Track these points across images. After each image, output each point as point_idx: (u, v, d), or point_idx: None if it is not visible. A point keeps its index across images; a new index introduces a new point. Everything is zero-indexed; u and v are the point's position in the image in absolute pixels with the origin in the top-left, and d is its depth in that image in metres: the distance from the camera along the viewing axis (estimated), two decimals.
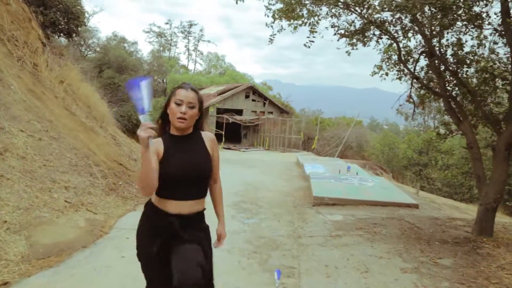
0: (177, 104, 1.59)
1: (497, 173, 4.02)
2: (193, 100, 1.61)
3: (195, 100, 1.63)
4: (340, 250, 3.61)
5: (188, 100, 1.59)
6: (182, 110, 1.57)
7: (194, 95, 1.62)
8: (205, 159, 1.68)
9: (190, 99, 1.60)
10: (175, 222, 1.59)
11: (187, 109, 1.58)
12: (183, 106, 1.58)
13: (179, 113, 1.58)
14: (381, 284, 2.80)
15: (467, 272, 3.08)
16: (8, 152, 4.61)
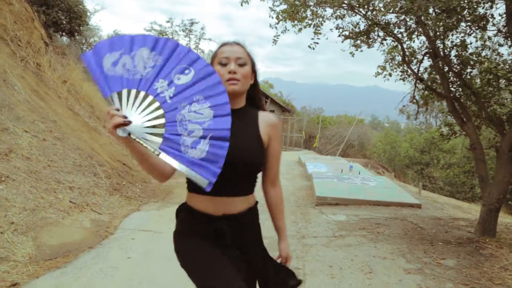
0: (223, 64, 1.22)
1: (500, 174, 4.03)
2: (243, 55, 1.24)
3: (245, 55, 1.25)
4: (344, 251, 3.63)
5: (236, 56, 1.22)
6: (231, 67, 1.20)
7: (242, 49, 1.26)
8: (255, 148, 1.24)
9: (238, 53, 1.23)
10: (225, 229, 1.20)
11: (236, 66, 1.21)
12: (231, 64, 1.21)
13: (227, 73, 1.20)
14: (385, 285, 2.82)
15: (470, 273, 3.11)
16: (13, 153, 4.64)
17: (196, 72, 1.04)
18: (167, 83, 1.02)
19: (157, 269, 2.99)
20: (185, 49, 1.06)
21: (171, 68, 1.04)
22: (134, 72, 1.02)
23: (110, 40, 1.02)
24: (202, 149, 0.98)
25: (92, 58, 1.01)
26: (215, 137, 0.99)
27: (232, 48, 1.25)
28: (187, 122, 0.99)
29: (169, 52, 1.05)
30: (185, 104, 1.01)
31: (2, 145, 4.58)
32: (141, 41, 1.04)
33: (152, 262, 3.15)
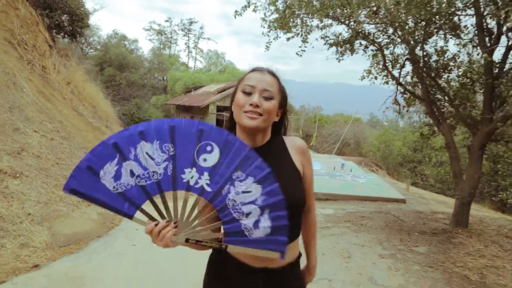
0: (246, 93, 1.04)
1: (472, 171, 4.42)
2: (271, 88, 1.05)
3: (275, 88, 1.06)
4: (328, 240, 4.02)
5: (263, 87, 1.03)
6: (253, 100, 1.01)
7: (273, 80, 1.07)
8: (295, 182, 1.08)
9: (266, 85, 1.04)
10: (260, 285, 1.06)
11: (260, 99, 1.02)
12: (255, 95, 1.02)
13: (248, 104, 1.02)
14: (360, 267, 3.21)
15: (437, 257, 3.50)
16: (24, 152, 5.01)
17: (219, 145, 0.90)
18: (195, 170, 0.88)
19: (158, 255, 3.37)
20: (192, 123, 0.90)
21: (189, 151, 0.88)
22: (148, 175, 0.87)
23: (93, 154, 0.85)
24: (265, 226, 0.90)
25: (84, 184, 0.85)
26: (273, 209, 0.91)
27: (262, 76, 1.05)
28: (240, 205, 0.90)
29: (173, 133, 0.89)
30: (227, 186, 0.89)
31: (15, 144, 4.94)
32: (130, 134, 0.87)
33: (154, 249, 3.53)
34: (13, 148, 4.83)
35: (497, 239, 4.15)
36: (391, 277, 3.01)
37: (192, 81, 29.96)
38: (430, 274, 3.12)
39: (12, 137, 5.06)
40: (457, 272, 3.16)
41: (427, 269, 3.21)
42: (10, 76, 6.13)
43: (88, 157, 0.86)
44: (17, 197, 3.89)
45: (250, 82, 1.04)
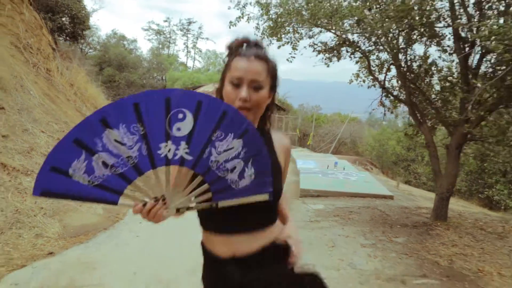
0: (234, 85, 1.00)
1: (449, 168, 4.78)
2: (259, 76, 0.99)
3: (263, 75, 1.01)
4: (316, 232, 4.38)
5: (252, 77, 0.99)
6: (242, 94, 0.98)
7: (260, 66, 1.00)
8: (275, 175, 1.02)
9: (255, 74, 0.99)
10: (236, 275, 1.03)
11: (249, 91, 0.99)
12: (243, 88, 0.99)
13: (238, 100, 0.99)
14: (342, 254, 3.56)
15: (414, 247, 3.86)
16: (33, 151, 5.34)
17: (191, 109, 0.85)
18: (170, 143, 0.85)
19: (161, 245, 3.72)
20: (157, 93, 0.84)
21: (160, 124, 0.83)
22: (123, 161, 0.83)
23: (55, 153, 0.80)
24: (249, 174, 0.90)
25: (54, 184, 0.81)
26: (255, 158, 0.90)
27: (249, 65, 0.98)
28: (224, 163, 0.88)
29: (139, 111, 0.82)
30: (208, 149, 0.86)
31: (24, 144, 5.28)
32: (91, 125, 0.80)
33: (156, 240, 3.88)
34: (23, 148, 5.17)
35: (471, 230, 4.51)
36: (369, 263, 3.37)
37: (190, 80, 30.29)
38: (405, 260, 3.47)
39: (21, 137, 5.39)
40: (429, 259, 3.51)
41: (402, 256, 3.57)
42: (18, 79, 6.46)
43: (51, 156, 0.80)
44: (30, 192, 4.22)
45: (237, 73, 0.99)
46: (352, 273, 3.11)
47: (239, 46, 1.03)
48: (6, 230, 3.47)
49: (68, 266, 3.04)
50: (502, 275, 3.15)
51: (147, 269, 3.07)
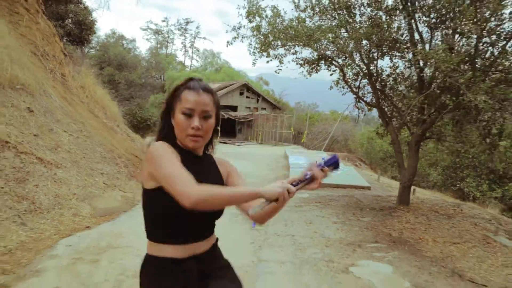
0: (186, 115, 1.13)
1: (410, 162, 5.74)
2: (208, 107, 1.15)
3: (211, 105, 1.16)
4: (298, 213, 5.32)
5: (202, 108, 1.13)
6: (194, 124, 1.12)
7: (208, 98, 1.16)
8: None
9: (204, 106, 1.14)
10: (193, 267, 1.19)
11: (201, 121, 1.13)
12: (195, 118, 1.13)
13: (190, 128, 1.13)
14: (316, 228, 4.51)
15: (375, 224, 4.82)
16: (59, 148, 6.24)
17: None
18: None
19: None
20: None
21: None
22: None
23: None
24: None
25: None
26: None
27: (199, 98, 1.13)
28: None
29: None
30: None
31: (51, 142, 6.18)
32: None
33: None
34: (51, 145, 6.07)
35: (426, 212, 5.47)
36: (336, 234, 4.32)
37: None
38: (365, 232, 4.43)
39: (49, 136, 6.29)
40: (384, 232, 4.48)
41: (363, 230, 4.52)
42: (40, 85, 7.33)
43: None
44: (63, 182, 5.14)
45: (189, 105, 1.11)
46: (322, 240, 4.06)
47: (188, 81, 1.18)
48: (51, 210, 4.38)
49: (104, 235, 3.97)
50: (436, 242, 4.12)
51: None
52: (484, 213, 5.68)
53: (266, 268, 3.18)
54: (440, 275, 3.19)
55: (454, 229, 4.63)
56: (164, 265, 1.16)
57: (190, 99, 1.12)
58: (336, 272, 3.12)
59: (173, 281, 1.15)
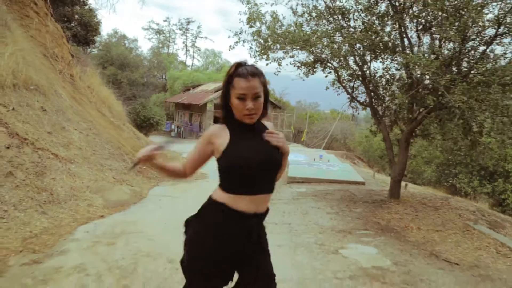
0: (240, 99, 1.36)
1: (400, 158, 6.13)
2: (258, 89, 1.37)
3: (259, 87, 1.38)
4: (295, 205, 5.72)
5: (253, 92, 1.36)
6: (248, 106, 1.36)
7: (257, 82, 1.37)
8: (277, 151, 1.44)
9: (255, 89, 1.36)
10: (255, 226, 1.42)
11: (253, 102, 1.37)
12: (248, 101, 1.36)
13: (246, 110, 1.37)
14: (311, 218, 4.90)
15: (366, 214, 5.21)
16: (71, 145, 6.64)
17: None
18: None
19: (180, 213, 5.03)
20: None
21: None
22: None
23: None
24: None
25: None
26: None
27: (249, 83, 1.34)
28: None
29: None
30: None
31: (64, 139, 6.58)
32: None
33: (176, 210, 5.20)
34: (63, 142, 6.47)
35: (415, 205, 5.86)
36: (329, 222, 4.71)
37: (190, 79, 31.46)
38: (356, 221, 4.82)
39: (61, 133, 6.68)
40: (374, 221, 4.87)
41: (354, 219, 4.92)
42: (51, 85, 7.73)
43: None
44: (77, 175, 5.54)
45: (242, 91, 1.34)
46: (316, 227, 4.46)
47: (237, 68, 1.37)
48: (68, 201, 4.78)
49: (117, 222, 4.36)
50: (420, 229, 4.51)
51: (175, 222, 4.40)
52: (469, 205, 6.05)
53: None
54: (419, 256, 3.58)
55: (438, 219, 5.02)
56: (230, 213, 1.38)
57: (242, 85, 1.35)
58: (326, 253, 3.51)
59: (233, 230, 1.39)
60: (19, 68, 6.59)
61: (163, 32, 42.51)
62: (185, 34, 43.84)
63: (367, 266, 3.21)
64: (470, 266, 3.38)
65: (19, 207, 4.13)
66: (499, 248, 3.89)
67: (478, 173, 9.80)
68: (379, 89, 6.34)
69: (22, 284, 2.67)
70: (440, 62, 4.24)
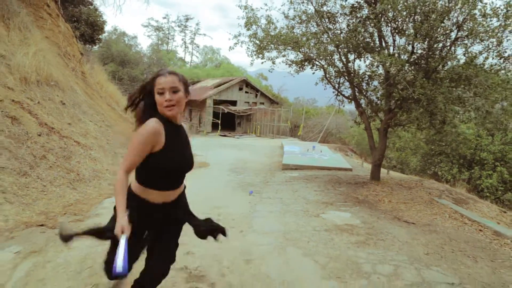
0: (160, 94, 1.56)
1: (380, 145, 6.97)
2: (175, 84, 1.57)
3: (177, 83, 1.58)
4: (287, 186, 6.56)
5: (170, 86, 1.56)
6: (166, 97, 1.54)
7: (174, 78, 1.58)
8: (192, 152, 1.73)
9: (171, 83, 1.56)
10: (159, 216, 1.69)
11: (171, 95, 1.56)
12: (166, 93, 1.55)
13: (164, 101, 1.55)
14: (300, 194, 5.75)
15: (347, 192, 6.05)
16: (88, 134, 7.45)
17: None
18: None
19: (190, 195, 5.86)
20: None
21: None
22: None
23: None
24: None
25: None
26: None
27: (166, 79, 1.56)
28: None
29: None
30: None
31: (82, 129, 7.38)
32: None
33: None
34: (81, 132, 7.27)
35: (392, 185, 6.71)
36: (314, 197, 5.56)
37: (190, 76, 32.19)
38: (338, 197, 5.67)
39: (79, 125, 7.49)
40: (353, 196, 5.72)
41: (337, 195, 5.76)
42: (67, 81, 8.52)
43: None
44: (97, 160, 6.35)
45: (161, 86, 1.55)
46: (303, 200, 5.30)
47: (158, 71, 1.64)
48: (92, 180, 5.60)
49: None
50: (391, 202, 5.36)
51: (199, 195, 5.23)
52: (440, 186, 6.92)
53: (259, 214, 4.41)
54: (384, 218, 4.43)
55: (409, 195, 5.87)
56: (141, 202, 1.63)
57: (160, 81, 1.56)
58: (309, 216, 4.35)
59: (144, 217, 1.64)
60: (40, 66, 7.38)
61: (162, 29, 43.14)
62: (184, 31, 44.49)
63: (340, 224, 4.06)
64: (424, 224, 4.24)
65: (54, 183, 4.96)
66: (452, 214, 4.75)
67: (457, 162, 10.66)
68: (362, 84, 7.16)
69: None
70: (406, 61, 5.06)
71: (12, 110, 5.60)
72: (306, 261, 2.93)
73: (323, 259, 2.97)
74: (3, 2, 7.79)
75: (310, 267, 2.81)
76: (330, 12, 6.75)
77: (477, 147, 10.18)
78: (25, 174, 4.68)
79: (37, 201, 4.29)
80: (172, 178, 1.67)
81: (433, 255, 3.23)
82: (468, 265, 3.04)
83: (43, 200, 4.42)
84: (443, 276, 2.78)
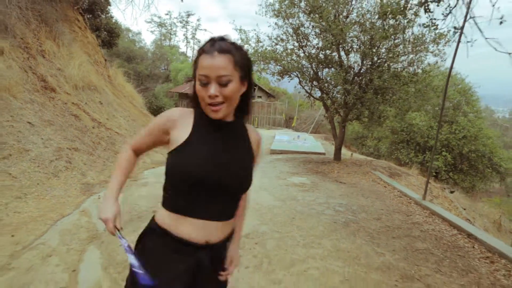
0: (203, 84, 1.01)
1: (339, 134, 9.36)
2: (225, 71, 0.98)
3: (229, 68, 0.99)
4: (271, 166, 8.95)
5: (217, 74, 0.98)
6: (210, 92, 0.99)
7: (225, 61, 0.99)
8: (249, 165, 1.13)
9: (221, 70, 0.98)
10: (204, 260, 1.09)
11: (217, 88, 0.99)
12: (212, 85, 0.99)
13: (207, 97, 1.00)
14: (278, 169, 8.15)
15: (311, 167, 8.46)
16: (121, 127, 9.84)
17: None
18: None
19: None
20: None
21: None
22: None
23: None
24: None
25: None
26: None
27: (213, 62, 0.98)
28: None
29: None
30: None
31: (116, 123, 9.78)
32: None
33: None
34: (116, 125, 9.67)
35: (348, 164, 9.11)
36: (287, 170, 7.97)
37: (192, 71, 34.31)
38: (303, 169, 8.07)
39: (113, 120, 9.87)
40: (315, 170, 8.12)
41: (303, 169, 8.17)
42: (100, 85, 10.87)
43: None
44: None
45: (203, 72, 0.99)
46: (278, 172, 7.71)
47: (206, 43, 1.03)
48: None
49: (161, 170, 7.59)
50: (339, 173, 7.77)
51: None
52: (384, 164, 9.33)
53: None
54: (327, 181, 6.83)
55: (355, 169, 8.28)
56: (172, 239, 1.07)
57: (204, 64, 0.99)
58: (279, 179, 6.76)
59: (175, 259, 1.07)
60: (84, 74, 9.74)
61: (165, 25, 45.09)
62: (185, 27, 46.42)
63: (297, 182, 6.47)
64: (350, 184, 6.65)
65: (109, 160, 7.37)
66: (375, 179, 7.16)
67: (414, 148, 13.02)
68: (328, 88, 9.51)
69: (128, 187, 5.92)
70: (344, 76, 7.42)
71: (73, 110, 8.00)
72: (268, 195, 5.35)
73: (277, 195, 5.38)
74: (53, 25, 10.08)
75: (269, 197, 5.22)
76: (304, 32, 9.05)
77: (429, 136, 12.50)
78: (91, 154, 7.09)
79: (103, 171, 6.71)
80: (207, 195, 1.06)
81: (343, 195, 5.64)
82: (358, 198, 5.46)
83: (106, 170, 6.84)
84: (339, 202, 5.20)
